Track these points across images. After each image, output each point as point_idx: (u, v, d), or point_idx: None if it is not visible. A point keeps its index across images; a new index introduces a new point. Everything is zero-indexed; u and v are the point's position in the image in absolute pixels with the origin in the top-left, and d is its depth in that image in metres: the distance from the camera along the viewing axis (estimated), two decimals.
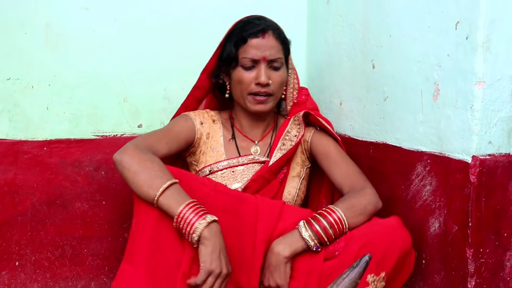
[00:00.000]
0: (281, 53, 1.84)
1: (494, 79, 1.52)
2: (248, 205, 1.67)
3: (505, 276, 1.58)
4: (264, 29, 1.81)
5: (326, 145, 1.89)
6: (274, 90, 1.83)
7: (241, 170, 1.86)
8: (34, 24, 1.99)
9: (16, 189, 1.98)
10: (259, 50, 1.79)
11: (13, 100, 1.99)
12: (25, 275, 2.02)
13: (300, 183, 1.91)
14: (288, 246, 1.61)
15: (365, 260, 1.39)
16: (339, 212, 1.63)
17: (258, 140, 1.92)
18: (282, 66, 1.84)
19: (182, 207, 1.53)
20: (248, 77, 1.81)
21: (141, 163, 1.61)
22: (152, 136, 1.79)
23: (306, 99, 1.96)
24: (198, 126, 1.88)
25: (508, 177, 1.56)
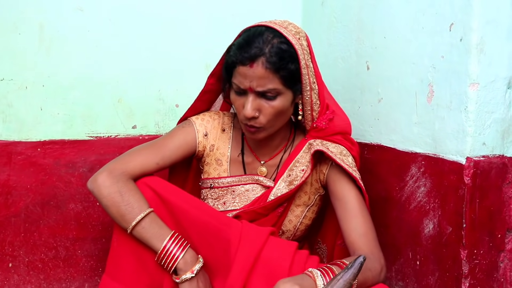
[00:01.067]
0: (275, 83, 1.57)
1: (488, 80, 1.52)
2: (232, 230, 1.57)
3: (499, 277, 1.58)
4: (252, 57, 1.55)
5: (345, 190, 1.66)
6: (264, 122, 1.60)
7: (243, 191, 1.74)
8: (28, 24, 1.97)
9: (10, 190, 1.97)
10: (246, 80, 1.57)
11: (6, 101, 1.98)
12: (19, 276, 2.00)
13: (306, 211, 1.74)
14: (297, 286, 1.36)
15: (359, 261, 1.37)
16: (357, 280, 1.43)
17: (266, 160, 1.76)
18: (279, 95, 1.59)
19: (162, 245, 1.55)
20: (238, 102, 1.62)
21: (110, 195, 1.59)
22: (140, 155, 1.69)
23: (327, 125, 1.70)
24: (200, 139, 1.74)
25: (502, 179, 1.57)
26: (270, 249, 1.55)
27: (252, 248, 1.54)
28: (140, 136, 2.12)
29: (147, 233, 1.57)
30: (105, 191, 1.59)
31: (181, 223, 1.62)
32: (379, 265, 1.54)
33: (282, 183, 1.71)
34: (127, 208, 1.57)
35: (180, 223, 1.62)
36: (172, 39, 2.13)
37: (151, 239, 1.57)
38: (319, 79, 1.70)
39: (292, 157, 1.72)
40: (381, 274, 1.54)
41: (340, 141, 1.71)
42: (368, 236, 1.61)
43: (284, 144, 1.76)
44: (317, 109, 1.69)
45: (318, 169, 1.73)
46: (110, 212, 1.61)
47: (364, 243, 1.59)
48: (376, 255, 1.57)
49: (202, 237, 1.60)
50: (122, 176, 1.62)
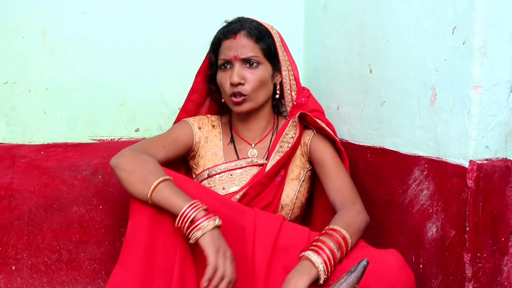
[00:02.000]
0: (256, 51, 1.82)
1: (491, 84, 1.52)
2: (246, 217, 1.66)
3: (502, 280, 1.58)
4: (236, 30, 1.83)
5: (323, 153, 1.85)
6: (249, 90, 1.80)
7: (239, 173, 1.85)
8: (31, 28, 1.98)
9: (13, 193, 1.98)
10: (231, 50, 1.81)
11: (10, 104, 1.98)
12: (22, 279, 2.01)
13: (299, 186, 1.88)
14: (305, 276, 1.51)
15: (362, 265, 1.38)
16: (343, 232, 1.59)
17: (256, 143, 1.91)
18: (260, 63, 1.82)
19: (186, 206, 1.54)
20: (224, 77, 1.82)
21: (136, 162, 1.65)
22: (149, 141, 1.83)
23: (306, 101, 1.92)
24: (196, 130, 1.90)
25: (505, 182, 1.56)
26: (286, 236, 1.65)
27: (269, 237, 1.63)
28: (142, 139, 2.11)
29: (167, 192, 1.57)
30: (131, 159, 1.66)
31: None
32: (353, 211, 1.70)
33: (276, 156, 1.84)
34: (152, 170, 1.62)
35: None
36: (175, 43, 2.14)
37: (171, 198, 1.56)
38: (293, 66, 1.93)
39: (280, 134, 1.88)
40: (358, 215, 1.70)
41: (319, 116, 1.90)
42: (341, 189, 1.78)
43: (271, 127, 1.93)
44: (295, 89, 1.92)
45: (302, 142, 1.89)
46: (133, 177, 1.62)
47: (339, 197, 1.77)
48: (349, 202, 1.74)
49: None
50: (143, 152, 1.71)
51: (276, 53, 1.86)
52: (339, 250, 1.56)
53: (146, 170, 1.63)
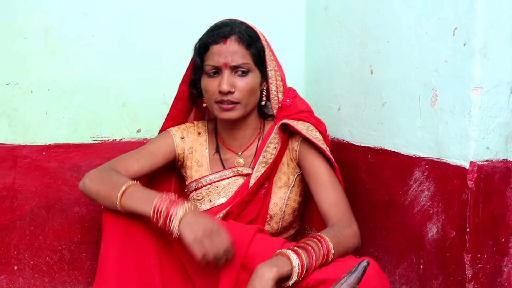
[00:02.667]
0: (247, 58, 1.72)
1: (491, 85, 1.52)
2: None
3: (502, 281, 1.58)
4: (226, 34, 1.72)
5: (314, 164, 1.73)
6: (240, 98, 1.71)
7: (226, 184, 1.79)
8: (33, 29, 1.99)
9: (15, 193, 1.98)
10: (221, 56, 1.70)
11: (12, 105, 1.99)
12: (24, 279, 2.01)
13: (289, 192, 1.79)
14: (275, 268, 1.44)
15: (363, 266, 1.38)
16: (331, 246, 1.50)
17: (242, 151, 1.83)
18: (250, 72, 1.73)
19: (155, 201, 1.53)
20: (212, 84, 1.72)
21: (99, 179, 1.66)
22: (121, 157, 1.80)
23: (292, 102, 1.81)
24: (177, 141, 1.84)
25: (505, 183, 1.56)
26: (256, 248, 1.56)
27: (238, 248, 1.54)
28: (144, 140, 2.12)
29: (134, 198, 1.57)
30: (95, 179, 1.67)
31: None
32: (350, 231, 1.62)
33: (259, 166, 1.77)
34: (110, 186, 1.62)
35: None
36: (176, 44, 2.14)
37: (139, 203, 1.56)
38: (279, 67, 1.83)
39: (264, 141, 1.79)
40: (354, 237, 1.61)
41: (306, 118, 1.80)
42: (339, 205, 1.68)
43: (257, 134, 1.85)
44: (282, 90, 1.81)
45: (290, 148, 1.80)
46: (98, 199, 1.64)
47: (335, 213, 1.67)
48: (347, 222, 1.65)
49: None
50: (108, 169, 1.71)
51: (265, 57, 1.77)
52: (319, 260, 1.48)
53: (110, 184, 1.62)
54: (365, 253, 1.91)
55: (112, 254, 1.63)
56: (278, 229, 1.80)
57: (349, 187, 1.86)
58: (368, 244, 1.91)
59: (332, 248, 1.50)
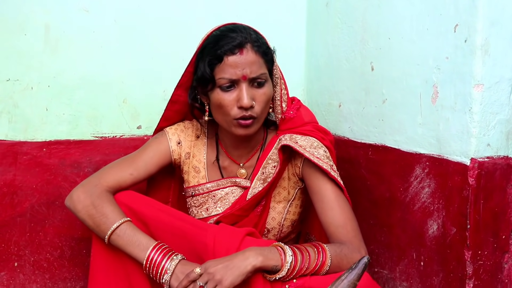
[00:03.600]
0: (264, 68, 1.60)
1: (492, 81, 1.52)
2: (208, 233, 1.57)
3: (503, 278, 1.58)
4: (241, 43, 1.56)
5: (320, 183, 1.64)
6: (259, 112, 1.60)
7: (223, 194, 1.74)
8: (33, 25, 1.98)
9: (15, 190, 1.98)
10: (238, 69, 1.55)
11: (12, 101, 1.99)
12: (24, 275, 2.01)
13: (289, 206, 1.74)
14: (261, 257, 1.42)
15: (363, 262, 1.38)
16: (327, 263, 1.48)
17: (244, 162, 1.75)
18: (266, 81, 1.61)
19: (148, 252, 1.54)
20: (228, 99, 1.57)
21: (84, 209, 1.63)
22: (115, 167, 1.72)
23: (296, 114, 1.72)
24: (173, 147, 1.75)
25: (506, 180, 1.56)
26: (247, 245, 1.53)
27: (227, 251, 1.52)
28: (145, 136, 2.12)
29: (123, 240, 1.58)
30: (80, 205, 1.64)
31: (157, 233, 1.62)
32: (357, 254, 1.54)
33: (257, 182, 1.70)
34: (101, 219, 1.61)
35: (155, 233, 1.62)
36: (176, 40, 2.14)
37: (128, 246, 1.57)
38: (282, 74, 1.72)
39: (264, 155, 1.72)
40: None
41: (310, 132, 1.70)
42: (347, 227, 1.59)
43: (260, 144, 1.76)
44: (286, 100, 1.71)
45: (293, 163, 1.72)
46: (88, 225, 1.64)
47: (343, 234, 1.59)
48: (355, 244, 1.57)
49: (179, 243, 1.60)
50: (96, 189, 1.65)
51: (273, 64, 1.67)
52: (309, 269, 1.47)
53: (96, 218, 1.60)
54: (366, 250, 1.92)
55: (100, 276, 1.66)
56: (276, 240, 1.77)
57: (349, 184, 1.85)
58: (369, 241, 1.91)
59: (329, 262, 1.48)
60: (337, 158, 1.78)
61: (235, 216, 1.71)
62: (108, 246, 1.62)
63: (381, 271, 1.87)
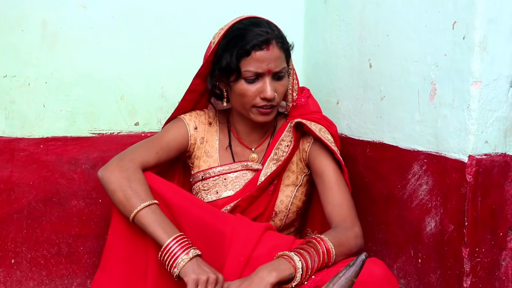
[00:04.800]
0: (285, 62, 1.73)
1: (490, 79, 1.52)
2: (228, 224, 1.60)
3: (500, 275, 1.58)
4: (268, 40, 1.67)
5: (323, 165, 1.74)
6: (278, 101, 1.73)
7: (233, 177, 1.80)
8: (30, 21, 1.98)
9: (12, 186, 1.98)
10: (264, 63, 1.66)
11: (9, 98, 1.98)
12: (21, 272, 2.01)
13: (296, 191, 1.81)
14: (275, 272, 1.44)
15: (361, 259, 1.37)
16: (330, 247, 1.52)
17: (256, 147, 1.84)
18: (285, 75, 1.74)
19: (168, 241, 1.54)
20: (252, 90, 1.68)
21: (118, 181, 1.64)
22: (141, 147, 1.76)
23: (306, 102, 1.83)
24: (191, 132, 1.83)
25: (504, 177, 1.57)
26: (265, 246, 1.56)
27: (245, 246, 1.55)
28: (142, 133, 2.12)
29: (151, 219, 1.58)
30: (114, 176, 1.65)
31: (179, 218, 1.64)
32: (351, 232, 1.62)
33: (270, 163, 1.78)
34: (133, 193, 1.62)
35: (177, 218, 1.64)
36: (174, 37, 2.14)
37: (154, 226, 1.57)
38: (294, 69, 1.83)
39: (277, 138, 1.80)
40: (356, 239, 1.62)
41: (319, 120, 1.80)
42: (342, 206, 1.68)
43: (271, 130, 1.85)
44: (297, 89, 1.83)
45: (301, 148, 1.81)
46: (117, 197, 1.64)
47: (338, 213, 1.67)
48: (349, 223, 1.65)
49: (199, 231, 1.62)
50: (130, 164, 1.68)
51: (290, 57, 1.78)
52: (320, 261, 1.50)
53: (129, 192, 1.62)
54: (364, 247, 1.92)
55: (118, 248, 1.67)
56: (280, 225, 1.81)
57: None
58: (367, 238, 1.91)
59: (333, 249, 1.52)
60: None
61: (252, 197, 1.75)
62: (129, 227, 1.64)
63: None
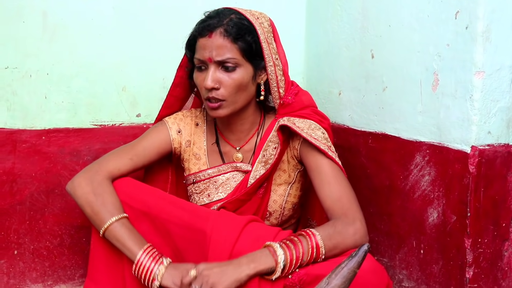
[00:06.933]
0: (234, 53, 1.62)
1: (493, 69, 1.51)
2: (208, 222, 1.56)
3: (503, 266, 1.58)
4: (212, 27, 1.63)
5: (317, 160, 1.65)
6: (226, 95, 1.63)
7: (224, 180, 1.76)
8: (31, 12, 1.97)
9: (15, 178, 1.98)
10: (206, 51, 1.62)
11: (11, 89, 1.98)
12: (24, 263, 2.02)
13: (289, 189, 1.76)
14: (253, 264, 1.42)
15: (363, 250, 1.37)
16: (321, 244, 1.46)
17: (241, 146, 1.77)
18: (238, 67, 1.63)
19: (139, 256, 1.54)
20: (199, 79, 1.66)
21: (84, 196, 1.63)
22: (112, 155, 1.73)
23: (293, 100, 1.73)
24: (174, 136, 1.78)
25: (507, 167, 1.56)
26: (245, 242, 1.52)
27: (224, 244, 1.51)
28: (144, 125, 2.12)
29: (117, 237, 1.58)
30: (80, 191, 1.65)
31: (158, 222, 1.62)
32: (351, 228, 1.53)
33: (259, 165, 1.72)
34: (100, 207, 1.61)
35: (157, 222, 1.63)
36: (175, 27, 2.12)
37: (122, 241, 1.58)
38: (283, 58, 1.73)
39: (264, 138, 1.73)
40: (355, 235, 1.53)
41: (309, 115, 1.72)
42: (342, 200, 1.60)
43: (256, 128, 1.78)
44: (283, 85, 1.72)
45: (291, 146, 1.74)
46: (85, 212, 1.65)
47: (338, 207, 1.59)
48: (350, 216, 1.56)
49: (180, 232, 1.60)
50: (97, 175, 1.66)
51: (261, 49, 1.67)
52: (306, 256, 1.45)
53: (95, 207, 1.61)
54: None
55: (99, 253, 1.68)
56: (277, 223, 1.79)
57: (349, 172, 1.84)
58: (369, 229, 1.89)
59: (323, 246, 1.47)
60: (337, 146, 1.77)
61: (239, 200, 1.72)
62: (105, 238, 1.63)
63: (380, 259, 1.87)
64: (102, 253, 1.67)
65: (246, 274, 1.42)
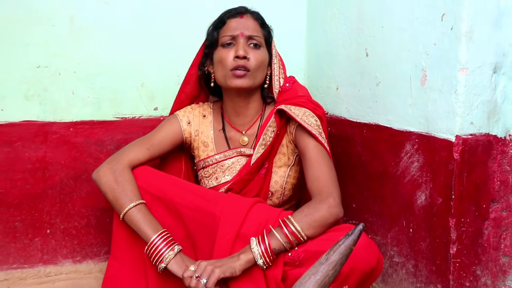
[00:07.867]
0: (260, 33, 1.74)
1: (476, 66, 1.51)
2: (218, 206, 1.57)
3: (483, 242, 1.59)
4: (242, 11, 1.75)
5: (305, 144, 1.68)
6: (252, 67, 1.69)
7: (230, 164, 1.78)
8: (60, 17, 1.99)
9: (46, 165, 2.00)
10: (237, 28, 1.71)
11: (42, 86, 2.00)
12: (56, 241, 2.05)
13: (289, 170, 1.78)
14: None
15: (359, 229, 1.38)
16: (296, 227, 1.48)
17: (246, 130, 1.80)
18: (261, 46, 1.73)
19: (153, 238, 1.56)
20: (227, 53, 1.69)
21: (107, 183, 1.65)
22: (132, 146, 1.75)
23: (291, 87, 1.78)
24: (184, 126, 1.81)
25: (487, 155, 1.57)
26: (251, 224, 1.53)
27: (231, 225, 1.53)
28: (161, 117, 2.13)
29: (136, 218, 1.60)
30: (104, 179, 1.66)
31: (172, 206, 1.64)
32: (325, 204, 1.53)
33: (259, 148, 1.74)
34: (121, 194, 1.63)
35: (170, 206, 1.64)
36: (188, 29, 2.13)
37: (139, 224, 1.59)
38: (282, 62, 1.83)
39: (265, 124, 1.75)
40: (329, 210, 1.53)
41: (304, 103, 1.73)
42: (319, 179, 1.60)
43: (259, 114, 1.81)
44: (283, 77, 1.81)
45: (288, 131, 1.76)
46: (108, 198, 1.66)
47: (315, 187, 1.59)
48: (324, 194, 1.56)
49: (192, 215, 1.61)
50: (118, 165, 1.68)
51: (271, 44, 1.80)
52: (288, 243, 1.48)
53: (116, 192, 1.63)
54: (361, 219, 1.94)
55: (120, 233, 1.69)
56: (279, 203, 1.80)
57: (346, 160, 1.86)
58: (363, 211, 1.93)
59: (299, 227, 1.48)
60: (335, 136, 1.78)
61: (243, 180, 1.73)
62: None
63: (374, 237, 1.88)
64: (122, 234, 1.68)
65: (239, 263, 1.46)
